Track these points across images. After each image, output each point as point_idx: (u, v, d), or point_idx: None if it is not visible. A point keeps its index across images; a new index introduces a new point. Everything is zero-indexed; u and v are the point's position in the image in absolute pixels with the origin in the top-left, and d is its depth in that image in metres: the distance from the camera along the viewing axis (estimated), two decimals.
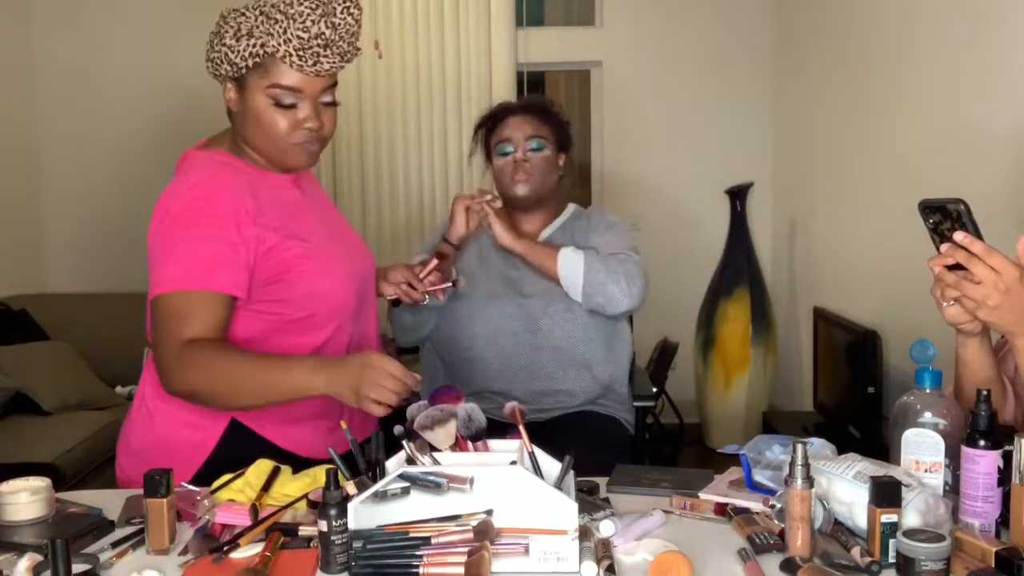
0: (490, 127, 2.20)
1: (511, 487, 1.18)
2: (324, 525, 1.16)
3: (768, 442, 1.49)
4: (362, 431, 1.45)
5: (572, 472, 1.28)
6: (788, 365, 4.17)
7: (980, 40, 2.44)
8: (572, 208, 2.28)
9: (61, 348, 3.75)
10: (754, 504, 1.36)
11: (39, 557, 1.15)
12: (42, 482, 1.35)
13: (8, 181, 4.07)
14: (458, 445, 1.32)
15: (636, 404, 2.18)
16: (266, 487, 1.38)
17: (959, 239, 1.22)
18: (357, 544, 1.16)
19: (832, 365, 3.35)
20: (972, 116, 2.48)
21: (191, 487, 1.38)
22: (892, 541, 1.14)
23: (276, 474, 1.41)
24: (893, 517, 1.15)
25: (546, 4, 4.64)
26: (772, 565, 1.17)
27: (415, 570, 1.13)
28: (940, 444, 1.26)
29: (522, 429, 1.32)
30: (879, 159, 3.13)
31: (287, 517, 1.33)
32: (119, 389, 3.69)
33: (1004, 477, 1.19)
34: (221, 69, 1.58)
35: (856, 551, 1.18)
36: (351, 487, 1.23)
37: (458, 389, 1.47)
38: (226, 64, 1.56)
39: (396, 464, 1.28)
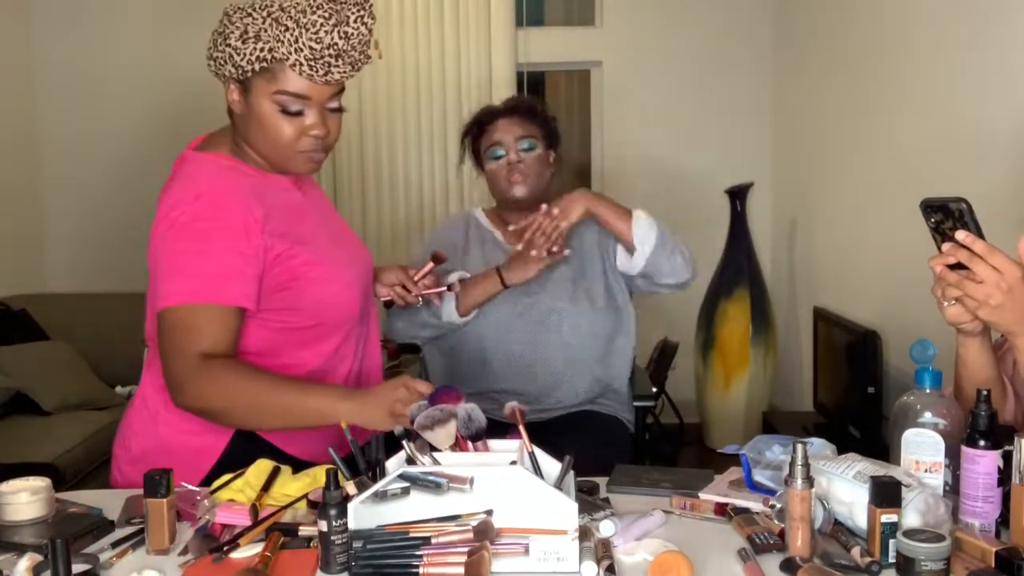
0: (476, 133, 2.20)
1: (511, 487, 1.18)
2: (324, 525, 1.16)
3: (768, 442, 1.49)
4: (362, 434, 1.44)
5: (572, 472, 1.28)
6: (788, 365, 4.17)
7: (980, 40, 2.44)
8: None
9: (61, 348, 3.75)
10: (754, 504, 1.36)
11: (39, 557, 1.15)
12: (42, 482, 1.35)
13: (8, 181, 4.07)
14: (458, 445, 1.32)
15: (636, 404, 2.18)
16: (266, 487, 1.38)
17: (961, 238, 1.22)
18: (357, 544, 1.16)
19: (832, 365, 3.35)
20: (972, 116, 2.48)
21: (191, 487, 1.38)
22: (892, 541, 1.14)
23: (276, 474, 1.41)
24: (893, 517, 1.15)
25: (546, 4, 4.64)
26: (772, 565, 1.17)
27: (415, 570, 1.13)
28: (940, 444, 1.26)
29: (522, 429, 1.32)
30: (879, 159, 3.13)
31: (287, 517, 1.33)
32: (119, 389, 3.69)
33: (1004, 477, 1.19)
34: (224, 70, 1.53)
35: (856, 551, 1.18)
36: (351, 487, 1.23)
37: (458, 389, 1.47)
38: (230, 65, 1.51)
39: (396, 464, 1.28)
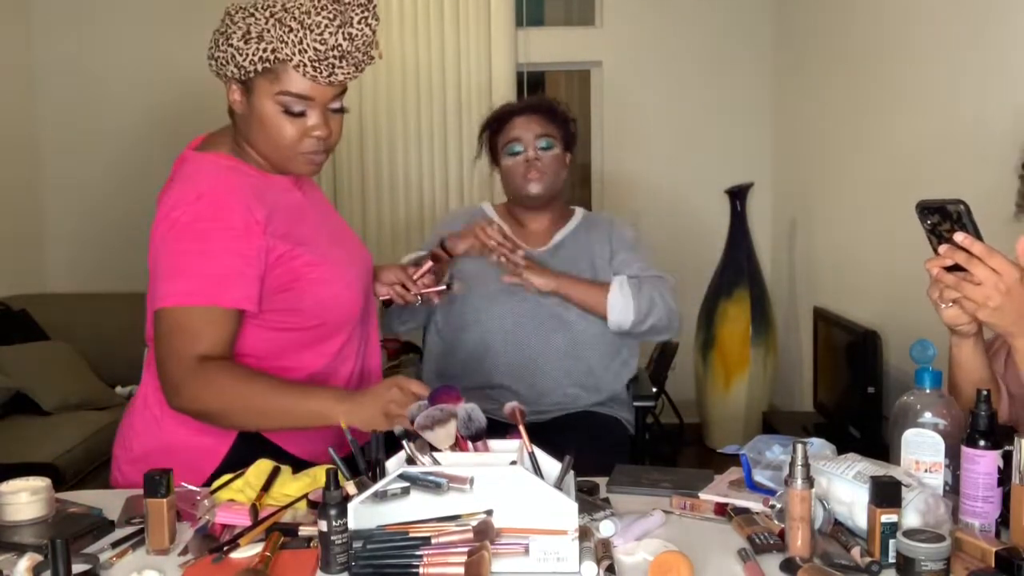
0: (495, 128, 2.19)
1: (511, 487, 1.18)
2: (324, 525, 1.16)
3: (768, 442, 1.48)
4: (363, 434, 1.44)
5: (572, 472, 1.28)
6: (788, 365, 4.17)
7: (980, 40, 2.44)
8: (581, 212, 2.27)
9: (61, 348, 3.75)
10: (754, 504, 1.36)
11: (39, 557, 1.15)
12: (42, 482, 1.35)
13: (8, 181, 4.07)
14: (458, 445, 1.32)
15: (636, 404, 2.19)
16: (266, 487, 1.38)
17: (959, 240, 1.22)
18: (357, 544, 1.16)
19: (832, 365, 3.35)
20: (972, 115, 2.48)
21: (191, 487, 1.38)
22: (892, 541, 1.14)
23: (276, 474, 1.41)
24: (893, 517, 1.15)
25: (546, 4, 4.64)
26: (772, 565, 1.17)
27: (415, 570, 1.13)
28: (940, 444, 1.26)
29: (522, 429, 1.32)
30: (879, 159, 3.13)
31: (287, 517, 1.33)
32: (119, 389, 3.68)
33: (1004, 477, 1.19)
34: (226, 70, 1.52)
35: (856, 551, 1.18)
36: (351, 487, 1.23)
37: (458, 389, 1.47)
38: (232, 66, 1.51)
39: (396, 464, 1.28)
